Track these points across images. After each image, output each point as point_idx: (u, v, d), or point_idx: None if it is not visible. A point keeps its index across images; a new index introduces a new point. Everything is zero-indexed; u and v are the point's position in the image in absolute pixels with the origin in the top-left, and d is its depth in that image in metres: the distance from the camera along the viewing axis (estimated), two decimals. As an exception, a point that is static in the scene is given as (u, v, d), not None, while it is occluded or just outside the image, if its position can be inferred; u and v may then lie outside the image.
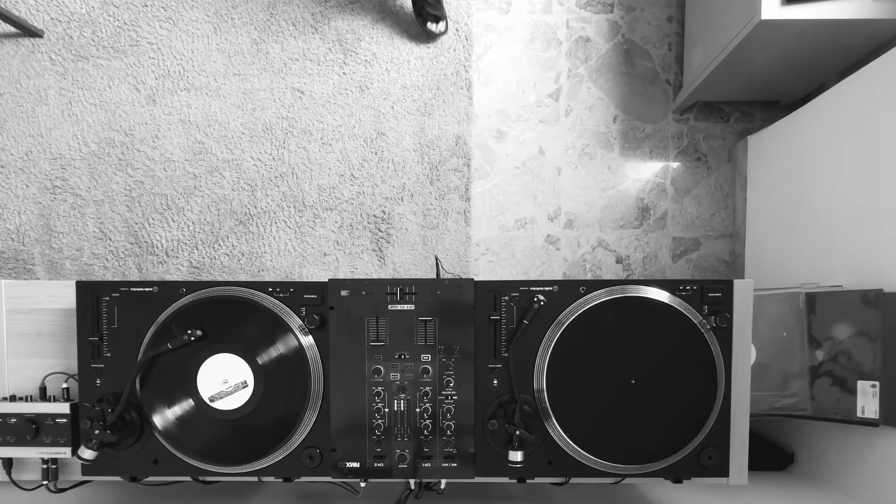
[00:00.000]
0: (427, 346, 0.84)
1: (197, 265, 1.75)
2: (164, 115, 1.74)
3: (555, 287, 0.84)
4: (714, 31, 1.46)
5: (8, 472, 0.89)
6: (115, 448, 0.85)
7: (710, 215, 1.77)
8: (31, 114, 1.74)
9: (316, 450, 0.85)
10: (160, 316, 0.84)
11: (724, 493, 1.06)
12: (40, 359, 0.91)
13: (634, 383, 0.83)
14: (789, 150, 1.43)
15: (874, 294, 1.01)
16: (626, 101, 1.77)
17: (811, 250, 1.32)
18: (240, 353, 0.83)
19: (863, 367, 1.02)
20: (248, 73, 1.74)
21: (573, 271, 1.77)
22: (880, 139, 1.09)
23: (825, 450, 1.18)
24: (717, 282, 0.85)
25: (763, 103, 1.75)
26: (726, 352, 0.85)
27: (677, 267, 1.77)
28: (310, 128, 1.74)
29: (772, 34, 1.28)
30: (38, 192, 1.74)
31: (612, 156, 1.77)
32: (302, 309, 0.85)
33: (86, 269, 1.75)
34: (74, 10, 1.74)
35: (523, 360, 0.85)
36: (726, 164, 1.76)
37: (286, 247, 1.75)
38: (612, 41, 1.76)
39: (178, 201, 1.75)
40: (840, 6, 1.22)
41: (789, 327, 1.11)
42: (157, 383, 0.84)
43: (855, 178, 1.17)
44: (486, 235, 1.77)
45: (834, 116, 1.25)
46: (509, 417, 0.83)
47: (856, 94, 1.18)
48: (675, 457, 0.84)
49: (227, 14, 1.74)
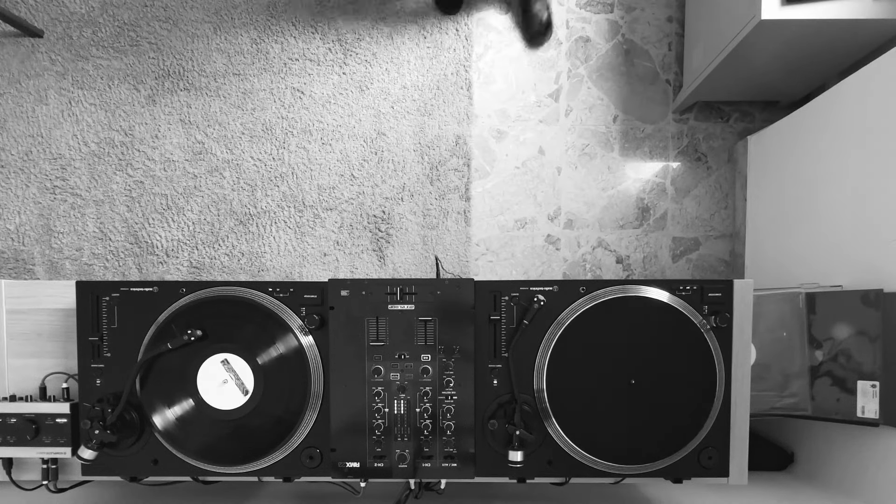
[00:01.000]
0: (427, 346, 0.84)
1: (197, 265, 1.75)
2: (164, 115, 1.74)
3: (555, 287, 0.84)
4: (714, 31, 1.46)
5: (8, 472, 0.89)
6: (115, 448, 0.85)
7: (710, 215, 1.77)
8: (31, 114, 1.74)
9: (316, 450, 0.85)
10: (160, 316, 0.84)
11: (724, 493, 1.06)
12: (40, 359, 0.91)
13: (634, 383, 0.83)
14: (789, 150, 1.43)
15: (874, 294, 1.01)
16: (626, 101, 1.77)
17: (811, 250, 1.32)
18: (240, 352, 0.83)
19: (863, 367, 1.02)
20: (248, 73, 1.74)
21: (573, 271, 1.77)
22: (880, 139, 1.09)
23: (825, 450, 1.18)
24: (717, 282, 0.85)
25: (763, 103, 1.75)
26: (726, 352, 0.85)
27: (677, 267, 1.77)
28: (310, 128, 1.74)
29: (772, 34, 1.28)
30: (38, 192, 1.74)
31: (612, 156, 1.77)
32: (302, 309, 0.85)
33: (86, 269, 1.75)
34: (74, 10, 1.74)
35: (523, 360, 0.85)
36: (726, 164, 1.76)
37: (286, 247, 1.75)
38: (612, 41, 1.76)
39: (178, 201, 1.75)
40: (840, 6, 1.22)
41: (789, 327, 1.11)
42: (157, 383, 0.84)
43: (855, 178, 1.17)
44: (486, 235, 1.77)
45: (834, 116, 1.25)
46: (509, 417, 0.83)
47: (856, 94, 1.18)
48: (675, 457, 0.84)
49: (227, 14, 1.74)
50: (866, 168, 1.13)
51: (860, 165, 1.15)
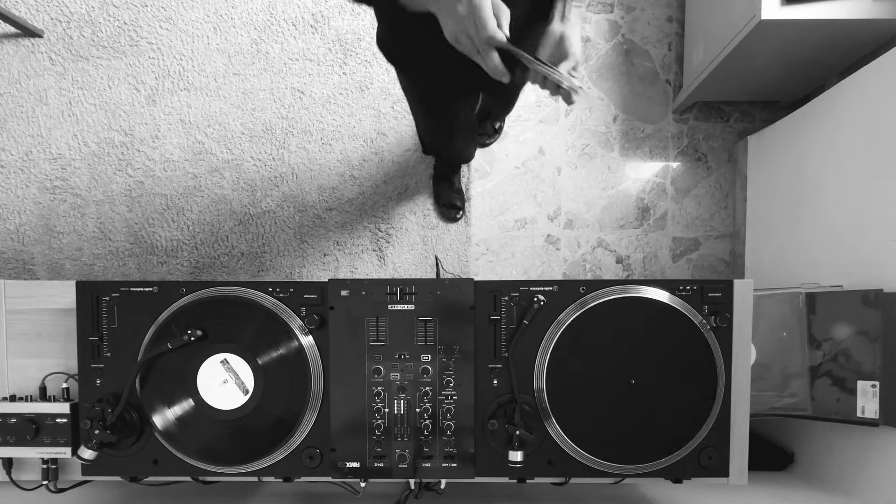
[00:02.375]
0: (427, 346, 0.84)
1: (197, 265, 1.75)
2: (164, 115, 1.74)
3: (555, 287, 0.84)
4: (714, 31, 1.46)
5: (8, 472, 0.89)
6: (115, 448, 0.85)
7: (710, 215, 1.77)
8: (31, 114, 1.74)
9: (316, 450, 0.85)
10: (160, 316, 0.84)
11: (724, 493, 1.06)
12: (40, 359, 0.91)
13: (634, 383, 0.83)
14: (789, 150, 1.43)
15: (874, 294, 1.01)
16: (626, 101, 1.77)
17: (811, 250, 1.32)
18: (240, 352, 0.83)
19: (863, 367, 1.02)
20: (248, 73, 1.74)
21: (573, 271, 1.77)
22: (880, 139, 1.09)
23: (825, 450, 1.17)
24: (717, 282, 0.85)
25: (763, 103, 1.75)
26: (726, 352, 0.85)
27: (677, 267, 1.77)
28: (310, 128, 1.74)
29: (772, 34, 1.28)
30: (38, 192, 1.74)
31: (612, 156, 1.77)
32: (302, 309, 0.85)
33: (86, 269, 1.75)
34: (74, 10, 1.74)
35: (523, 360, 0.84)
36: (726, 164, 1.76)
37: (286, 247, 1.75)
38: (612, 41, 1.76)
39: (178, 201, 1.75)
40: (840, 6, 1.22)
41: (789, 327, 1.11)
42: (157, 383, 0.84)
43: (855, 178, 1.17)
44: (486, 235, 1.77)
45: (834, 116, 1.25)
46: (509, 417, 0.83)
47: (856, 94, 1.18)
48: (675, 457, 0.84)
49: (226, 14, 1.74)
50: (866, 168, 1.13)
51: (860, 165, 1.15)
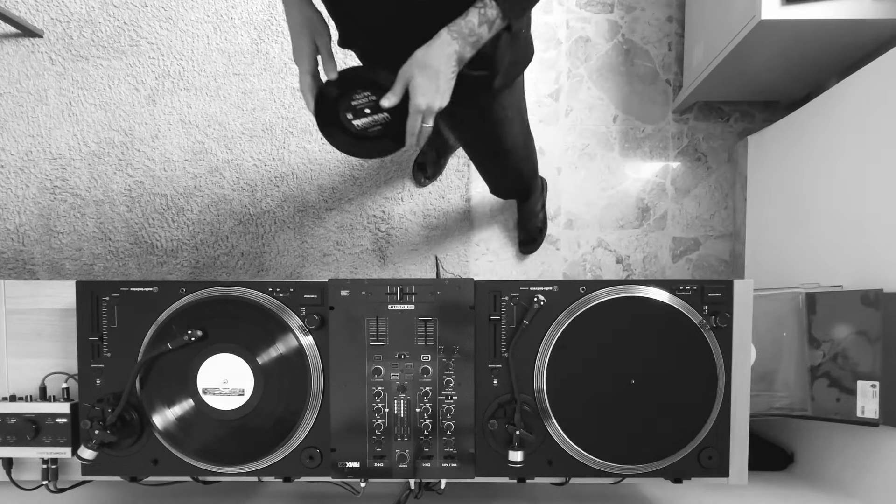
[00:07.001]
0: (427, 346, 0.84)
1: (197, 265, 1.75)
2: (163, 115, 1.74)
3: (555, 287, 0.84)
4: (714, 31, 1.46)
5: (8, 472, 0.89)
6: (115, 448, 0.85)
7: (710, 215, 1.77)
8: (31, 114, 1.74)
9: (316, 450, 0.85)
10: (160, 316, 0.84)
11: (724, 493, 1.06)
12: (40, 359, 0.91)
13: (634, 383, 0.83)
14: (789, 150, 1.43)
15: (874, 294, 1.01)
16: (626, 101, 1.77)
17: (811, 250, 1.32)
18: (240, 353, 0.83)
19: (863, 368, 1.02)
20: (248, 73, 1.74)
21: (573, 271, 1.77)
22: (880, 139, 1.09)
23: (825, 450, 1.18)
24: (717, 282, 0.85)
25: (763, 103, 1.75)
26: (726, 352, 0.85)
27: (677, 267, 1.77)
28: (310, 128, 1.74)
29: (772, 34, 1.28)
30: (38, 193, 1.74)
31: (612, 156, 1.77)
32: (302, 309, 0.85)
33: (86, 269, 1.75)
34: (74, 10, 1.74)
35: (523, 360, 0.85)
36: (726, 164, 1.76)
37: (286, 247, 1.75)
38: (612, 41, 1.76)
39: (179, 201, 1.75)
40: (840, 6, 1.22)
41: (789, 327, 1.11)
42: (157, 383, 0.84)
43: (855, 178, 1.17)
44: (486, 235, 1.77)
45: (834, 116, 1.25)
46: (509, 417, 0.83)
47: (856, 94, 1.18)
48: (675, 457, 0.84)
49: (226, 14, 1.74)
50: (866, 168, 1.13)
51: (860, 165, 1.15)
